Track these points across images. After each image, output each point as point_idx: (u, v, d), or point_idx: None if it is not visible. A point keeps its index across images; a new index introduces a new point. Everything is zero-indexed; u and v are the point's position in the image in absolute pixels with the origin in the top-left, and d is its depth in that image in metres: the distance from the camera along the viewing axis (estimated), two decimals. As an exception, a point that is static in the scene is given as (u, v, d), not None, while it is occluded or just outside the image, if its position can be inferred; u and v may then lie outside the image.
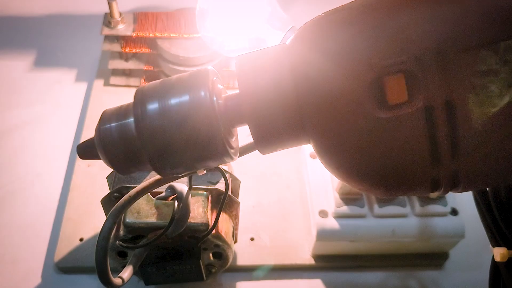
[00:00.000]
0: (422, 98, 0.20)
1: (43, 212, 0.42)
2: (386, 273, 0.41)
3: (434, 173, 0.21)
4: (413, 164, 0.21)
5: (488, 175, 0.21)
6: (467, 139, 0.20)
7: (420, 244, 0.39)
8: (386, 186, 0.22)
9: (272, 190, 0.44)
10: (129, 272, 0.30)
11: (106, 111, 0.26)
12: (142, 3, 0.59)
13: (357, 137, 0.21)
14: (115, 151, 0.25)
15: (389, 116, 0.20)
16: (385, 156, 0.21)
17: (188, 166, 0.25)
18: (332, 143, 0.22)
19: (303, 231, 0.42)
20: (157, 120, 0.23)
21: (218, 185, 0.34)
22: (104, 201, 0.33)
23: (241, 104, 0.23)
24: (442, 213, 0.38)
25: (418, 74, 0.19)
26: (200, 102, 0.23)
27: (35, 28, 0.57)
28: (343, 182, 0.24)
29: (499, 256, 0.29)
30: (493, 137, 0.20)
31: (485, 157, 0.20)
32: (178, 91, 0.24)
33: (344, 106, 0.21)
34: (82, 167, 0.44)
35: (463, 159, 0.20)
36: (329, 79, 0.21)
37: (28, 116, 0.49)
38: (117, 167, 0.25)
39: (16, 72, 0.53)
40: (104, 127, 0.25)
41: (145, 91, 0.24)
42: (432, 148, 0.20)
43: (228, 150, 0.24)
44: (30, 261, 0.40)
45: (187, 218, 0.31)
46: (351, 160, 0.22)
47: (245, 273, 0.40)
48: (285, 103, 0.22)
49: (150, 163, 0.24)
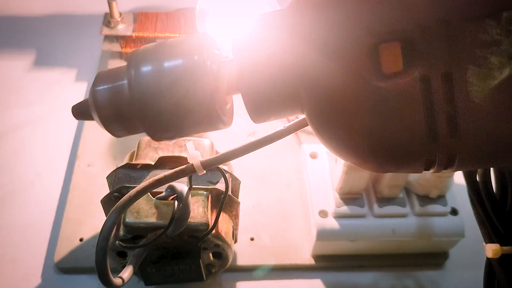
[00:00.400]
0: (419, 69, 0.19)
1: (43, 212, 0.42)
2: (386, 273, 0.41)
3: (430, 148, 0.20)
4: (408, 138, 0.20)
5: (484, 154, 0.21)
6: (464, 113, 0.19)
7: (420, 244, 0.39)
8: (380, 159, 0.22)
9: (272, 190, 0.44)
10: (129, 272, 0.30)
11: (101, 73, 0.26)
12: (142, 3, 0.59)
13: (352, 104, 0.20)
14: (108, 112, 0.25)
15: (385, 85, 0.19)
16: (379, 126, 0.20)
17: (179, 130, 0.25)
18: (326, 110, 0.21)
19: (303, 231, 0.42)
20: (150, 82, 0.23)
21: (218, 185, 0.34)
22: (104, 201, 0.33)
23: (235, 71, 0.23)
24: (442, 212, 0.38)
25: (419, 43, 0.19)
26: (194, 67, 0.23)
27: (35, 28, 0.57)
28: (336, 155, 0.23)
29: (491, 252, 0.29)
30: (492, 113, 0.19)
31: (482, 134, 0.20)
32: (172, 55, 0.24)
33: (340, 70, 0.20)
34: (82, 167, 0.44)
35: (460, 135, 0.20)
36: (328, 42, 0.20)
37: (28, 116, 0.49)
38: (110, 128, 0.25)
39: (16, 72, 0.53)
40: (97, 88, 0.25)
41: (139, 54, 0.24)
42: (428, 121, 0.20)
43: (220, 116, 0.24)
44: (30, 261, 0.40)
45: (187, 218, 0.31)
46: (345, 128, 0.21)
47: (245, 273, 0.40)
48: (281, 70, 0.22)
49: (142, 126, 0.24)
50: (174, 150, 0.35)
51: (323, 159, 0.41)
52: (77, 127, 0.48)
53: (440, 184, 0.37)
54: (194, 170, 0.29)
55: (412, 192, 0.39)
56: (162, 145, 0.35)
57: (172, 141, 0.35)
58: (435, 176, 0.36)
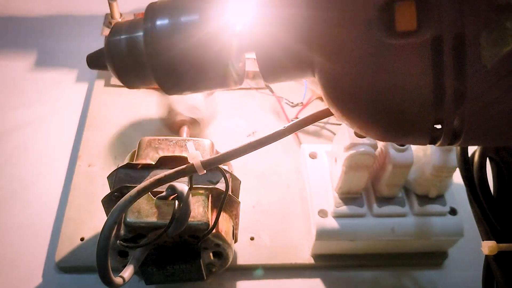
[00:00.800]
0: (432, 29, 0.19)
1: (44, 212, 0.42)
2: (385, 272, 0.41)
3: (437, 114, 0.20)
4: (415, 100, 0.20)
5: (491, 127, 0.20)
6: (474, 78, 0.19)
7: (419, 243, 0.40)
8: (385, 123, 0.21)
9: (272, 190, 0.44)
10: (129, 272, 0.30)
11: (117, 24, 0.27)
12: (143, 4, 0.58)
13: (362, 62, 0.20)
14: (122, 63, 0.25)
15: (397, 43, 0.19)
16: (387, 86, 0.20)
17: (191, 85, 0.25)
18: (336, 69, 0.21)
19: (303, 230, 0.42)
20: (166, 36, 0.24)
21: (218, 184, 0.34)
22: (104, 201, 0.34)
23: (250, 28, 0.23)
24: (441, 212, 0.38)
25: (434, 3, 0.19)
26: (210, 22, 0.23)
27: (35, 29, 0.58)
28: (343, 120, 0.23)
29: (488, 249, 0.29)
30: (502, 82, 0.19)
31: (490, 103, 0.19)
32: (189, 9, 0.24)
33: (352, 27, 0.20)
34: (83, 167, 0.44)
35: (468, 102, 0.19)
36: None
37: (29, 117, 0.49)
38: (123, 78, 0.26)
39: (17, 72, 0.53)
40: (113, 38, 0.26)
41: (156, 7, 0.25)
42: (436, 83, 0.19)
43: (232, 72, 0.24)
44: (31, 261, 0.40)
45: (188, 217, 0.31)
46: (353, 88, 0.21)
47: (245, 272, 0.40)
48: (294, 28, 0.22)
49: (154, 78, 0.25)
50: (174, 150, 0.35)
51: (322, 159, 0.42)
52: (78, 127, 0.48)
53: (439, 184, 0.37)
54: (194, 170, 0.29)
55: (411, 191, 0.39)
56: (162, 145, 0.35)
57: (172, 141, 0.36)
58: (434, 175, 0.36)
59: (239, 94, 0.52)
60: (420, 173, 0.37)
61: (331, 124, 0.49)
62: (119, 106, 0.49)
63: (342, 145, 0.35)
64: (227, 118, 0.49)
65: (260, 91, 0.51)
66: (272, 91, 0.51)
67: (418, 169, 0.37)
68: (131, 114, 0.48)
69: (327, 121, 0.49)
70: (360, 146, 0.34)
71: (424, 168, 0.36)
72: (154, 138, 0.36)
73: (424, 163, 0.36)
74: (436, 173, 0.36)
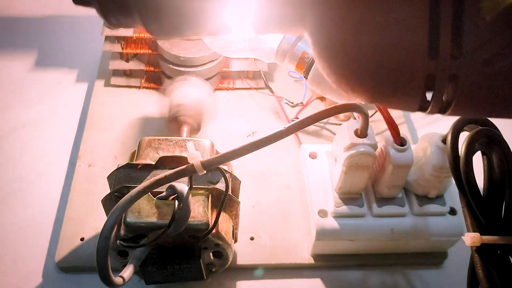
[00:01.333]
0: None
1: (44, 212, 0.42)
2: (385, 272, 0.41)
3: (430, 68, 0.19)
4: (409, 52, 0.19)
5: (486, 93, 0.19)
6: (471, 31, 0.18)
7: (418, 243, 0.40)
8: (375, 78, 0.20)
9: (272, 190, 0.44)
10: (129, 272, 0.30)
11: None
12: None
13: (355, 12, 0.19)
14: None
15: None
16: (379, 37, 0.19)
17: (177, 28, 0.24)
18: (328, 18, 0.20)
19: (303, 230, 0.42)
20: None
21: (218, 184, 0.34)
22: (104, 201, 0.34)
23: None
24: (440, 212, 0.38)
25: None
26: None
27: (35, 29, 0.58)
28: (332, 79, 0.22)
29: (470, 240, 0.28)
30: (499, 38, 0.18)
31: (487, 62, 0.18)
32: None
33: None
34: (83, 167, 0.44)
35: (463, 58, 0.18)
36: None
37: (29, 117, 0.49)
38: (106, 14, 0.26)
39: (17, 72, 0.53)
40: None
41: None
42: (433, 33, 0.18)
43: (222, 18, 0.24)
44: (31, 261, 0.40)
45: (188, 217, 0.31)
46: (345, 40, 0.20)
47: (245, 272, 0.40)
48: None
49: (138, 14, 0.24)
50: (174, 150, 0.35)
51: (322, 159, 0.42)
52: (78, 128, 0.48)
53: (439, 184, 0.37)
54: (194, 170, 0.29)
55: (411, 192, 0.39)
56: (162, 145, 0.35)
57: (172, 141, 0.36)
58: (434, 176, 0.36)
59: (239, 94, 0.52)
60: (419, 173, 0.37)
61: (331, 124, 0.49)
62: (119, 106, 0.49)
63: (342, 145, 0.35)
64: (227, 118, 0.49)
65: (260, 91, 0.51)
66: (272, 91, 0.51)
67: (417, 169, 0.37)
68: (131, 114, 0.49)
69: (327, 121, 0.49)
70: (360, 146, 0.34)
71: (423, 169, 0.36)
72: (154, 138, 0.36)
73: (424, 163, 0.36)
74: (436, 173, 0.36)
